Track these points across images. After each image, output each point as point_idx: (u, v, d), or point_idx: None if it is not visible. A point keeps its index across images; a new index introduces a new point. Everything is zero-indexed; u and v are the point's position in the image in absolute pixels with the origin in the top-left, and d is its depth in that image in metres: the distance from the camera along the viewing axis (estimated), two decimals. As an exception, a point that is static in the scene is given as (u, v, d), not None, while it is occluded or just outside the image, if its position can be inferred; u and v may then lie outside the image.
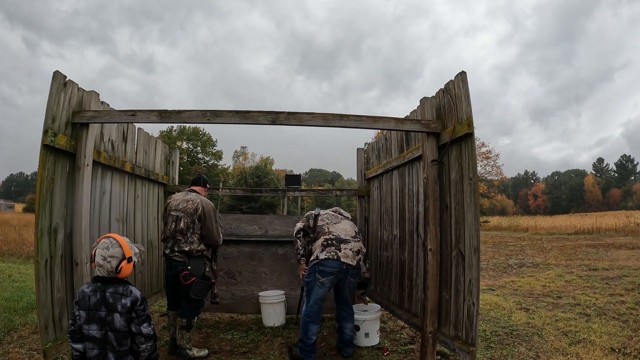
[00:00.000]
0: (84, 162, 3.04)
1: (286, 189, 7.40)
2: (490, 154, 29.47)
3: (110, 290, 2.04)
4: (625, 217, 22.05)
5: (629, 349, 3.64)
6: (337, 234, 3.55)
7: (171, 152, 5.36)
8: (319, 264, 3.41)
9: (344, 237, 3.54)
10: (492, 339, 4.00)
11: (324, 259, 3.40)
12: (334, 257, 3.41)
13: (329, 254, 3.41)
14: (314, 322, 3.41)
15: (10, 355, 3.37)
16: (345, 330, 3.69)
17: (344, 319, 3.71)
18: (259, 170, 45.38)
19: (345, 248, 3.47)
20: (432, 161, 3.17)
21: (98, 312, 2.01)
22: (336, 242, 3.48)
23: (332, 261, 3.40)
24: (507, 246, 13.93)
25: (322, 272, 3.40)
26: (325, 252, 3.42)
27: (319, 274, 3.40)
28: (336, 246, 3.46)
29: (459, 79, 2.94)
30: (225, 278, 4.91)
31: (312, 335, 3.39)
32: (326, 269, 3.38)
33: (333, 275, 3.41)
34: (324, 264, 3.39)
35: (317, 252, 3.46)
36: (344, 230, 3.61)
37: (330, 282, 3.43)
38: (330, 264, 3.39)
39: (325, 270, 3.39)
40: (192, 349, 3.54)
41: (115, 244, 2.08)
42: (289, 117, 3.08)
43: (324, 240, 3.50)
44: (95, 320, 2.01)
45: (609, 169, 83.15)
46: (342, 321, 3.71)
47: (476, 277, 2.69)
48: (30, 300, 5.14)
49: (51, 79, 2.83)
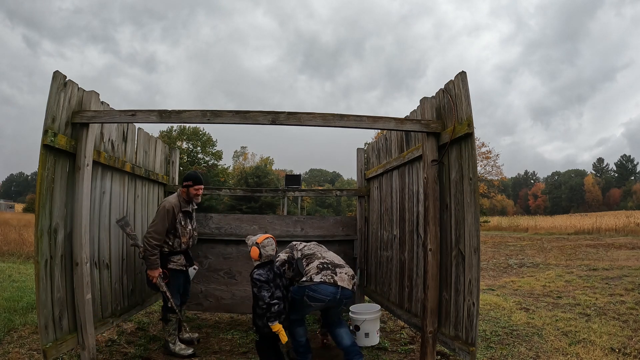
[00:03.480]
0: (84, 162, 3.04)
1: (286, 189, 7.40)
2: (490, 154, 29.46)
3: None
4: (625, 217, 22.06)
5: (629, 349, 3.64)
6: (331, 260, 3.38)
7: (171, 152, 5.36)
8: (310, 288, 3.11)
9: (338, 263, 3.36)
10: (492, 339, 4.00)
11: (318, 282, 3.11)
12: (330, 280, 3.13)
13: (325, 277, 3.14)
14: (300, 325, 3.32)
15: (10, 355, 3.37)
16: (342, 337, 3.32)
17: (338, 325, 3.40)
18: (259, 170, 45.40)
19: (340, 272, 3.23)
20: (432, 161, 3.17)
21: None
22: (332, 267, 3.26)
23: (327, 285, 3.11)
24: (507, 246, 13.94)
25: (312, 298, 3.12)
26: (320, 275, 3.15)
27: (307, 298, 3.13)
28: (332, 270, 3.23)
29: (459, 78, 2.94)
30: (225, 278, 4.91)
31: (300, 337, 3.31)
32: (317, 295, 3.10)
33: (324, 303, 3.15)
34: (315, 289, 3.10)
35: (312, 274, 3.19)
36: (335, 258, 3.46)
37: (318, 308, 3.26)
38: (324, 290, 3.10)
39: (315, 297, 3.11)
40: (176, 343, 3.63)
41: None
42: (289, 117, 3.08)
43: (320, 264, 3.27)
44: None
45: (609, 169, 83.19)
46: (336, 328, 3.38)
47: (476, 277, 2.69)
48: (30, 300, 5.14)
49: (51, 79, 2.84)
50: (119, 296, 3.83)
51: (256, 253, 3.14)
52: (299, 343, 3.33)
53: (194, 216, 3.98)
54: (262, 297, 3.01)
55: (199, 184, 3.78)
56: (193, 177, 3.77)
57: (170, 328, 3.65)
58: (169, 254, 3.70)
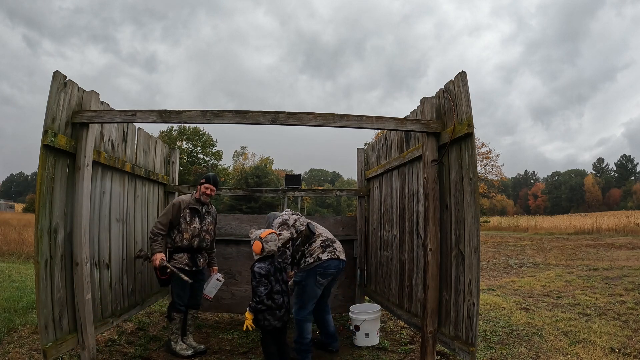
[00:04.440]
0: (84, 162, 3.04)
1: (286, 189, 7.40)
2: (490, 154, 29.45)
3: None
4: (625, 217, 22.07)
5: (629, 349, 3.64)
6: (327, 235, 3.65)
7: (171, 152, 5.36)
8: (321, 266, 3.40)
9: (332, 237, 3.66)
10: (492, 339, 4.00)
11: (326, 260, 3.41)
12: (335, 256, 3.46)
13: (330, 254, 3.44)
14: (309, 321, 3.46)
15: (10, 355, 3.37)
16: (329, 324, 3.74)
17: (327, 313, 3.77)
18: (259, 170, 45.38)
19: (337, 246, 3.58)
20: (432, 161, 3.17)
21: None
22: (330, 242, 3.56)
23: (334, 261, 3.44)
24: (507, 246, 13.94)
25: (324, 274, 3.42)
26: (326, 253, 3.45)
27: (320, 276, 3.41)
28: (332, 246, 3.53)
29: (459, 78, 2.93)
30: (225, 278, 4.91)
31: (307, 334, 3.41)
32: (329, 270, 3.42)
33: (332, 275, 3.47)
34: (326, 265, 3.40)
35: (318, 253, 3.45)
36: (325, 231, 3.73)
37: (327, 282, 3.50)
38: (333, 264, 3.43)
39: (327, 272, 3.42)
40: (178, 342, 3.64)
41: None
42: (289, 117, 3.08)
43: (322, 242, 3.52)
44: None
45: (609, 169, 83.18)
46: (325, 315, 3.76)
47: (476, 277, 2.69)
48: (30, 300, 5.14)
49: (51, 79, 2.84)
50: (119, 296, 3.83)
51: (259, 247, 3.16)
52: (305, 340, 3.40)
53: (206, 216, 3.87)
54: (258, 292, 3.06)
55: (209, 183, 3.88)
56: (206, 177, 3.95)
57: (173, 327, 3.66)
58: (172, 252, 3.73)
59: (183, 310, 3.70)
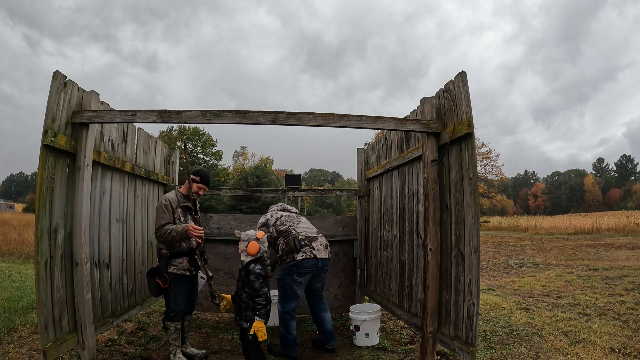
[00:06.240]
0: (84, 162, 3.04)
1: (286, 189, 7.40)
2: (490, 154, 29.49)
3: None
4: (625, 217, 22.05)
5: (629, 349, 3.64)
6: (305, 234, 3.68)
7: (171, 152, 5.36)
8: (296, 265, 3.50)
9: (311, 235, 3.69)
10: (492, 339, 3.99)
11: (301, 259, 3.50)
12: (310, 256, 3.53)
13: (304, 254, 3.53)
14: (293, 318, 3.58)
15: (10, 355, 3.37)
16: (326, 322, 3.76)
17: (322, 311, 3.80)
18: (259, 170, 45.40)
19: (316, 244, 3.61)
20: (432, 161, 3.17)
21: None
22: (307, 241, 3.61)
23: (309, 260, 3.52)
24: (507, 246, 13.94)
25: (300, 273, 3.52)
26: (301, 253, 3.53)
27: (297, 275, 3.52)
28: (309, 245, 3.59)
29: (459, 78, 2.93)
30: (225, 278, 4.91)
31: (292, 330, 3.54)
32: (304, 269, 3.52)
33: (310, 274, 3.56)
34: (301, 265, 3.50)
35: (293, 254, 3.54)
36: (307, 229, 3.76)
37: (307, 280, 3.59)
38: (307, 264, 3.52)
39: (303, 271, 3.52)
40: (177, 355, 3.40)
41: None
42: (289, 117, 3.08)
43: (299, 241, 3.58)
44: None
45: (609, 169, 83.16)
46: (321, 313, 3.79)
47: (476, 277, 2.69)
48: (30, 300, 5.14)
49: (51, 79, 2.83)
50: (119, 296, 3.83)
51: (256, 248, 3.10)
52: (291, 336, 3.52)
53: (196, 214, 3.64)
54: (263, 293, 3.02)
55: (205, 184, 3.61)
56: (202, 175, 3.61)
57: (170, 338, 3.43)
58: (169, 257, 3.45)
59: (178, 319, 3.45)
